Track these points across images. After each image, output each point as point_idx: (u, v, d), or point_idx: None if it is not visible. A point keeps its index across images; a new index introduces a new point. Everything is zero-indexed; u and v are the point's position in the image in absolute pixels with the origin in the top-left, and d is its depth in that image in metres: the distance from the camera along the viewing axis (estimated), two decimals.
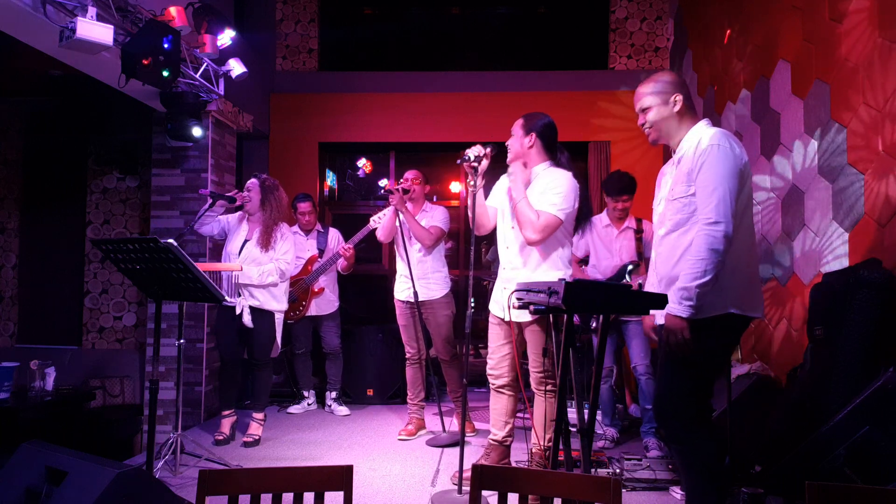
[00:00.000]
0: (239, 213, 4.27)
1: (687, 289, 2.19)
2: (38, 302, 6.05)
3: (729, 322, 2.26)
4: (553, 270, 2.99)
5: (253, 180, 4.21)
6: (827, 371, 2.88)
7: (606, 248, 4.09)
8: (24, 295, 6.07)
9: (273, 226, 4.12)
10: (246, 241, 4.13)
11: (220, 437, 4.13)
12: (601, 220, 4.14)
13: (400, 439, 4.20)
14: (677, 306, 2.21)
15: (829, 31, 3.49)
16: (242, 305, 4.05)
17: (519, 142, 3.09)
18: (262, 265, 4.04)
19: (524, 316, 2.94)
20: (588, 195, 3.20)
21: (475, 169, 3.04)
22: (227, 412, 4.23)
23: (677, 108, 2.38)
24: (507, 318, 3.00)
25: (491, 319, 3.19)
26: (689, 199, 2.28)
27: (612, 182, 4.10)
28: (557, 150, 3.12)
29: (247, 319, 4.05)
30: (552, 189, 2.94)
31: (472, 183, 3.06)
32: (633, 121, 2.59)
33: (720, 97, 5.04)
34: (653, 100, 2.40)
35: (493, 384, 3.21)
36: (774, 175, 4.12)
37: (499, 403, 3.21)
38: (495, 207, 3.23)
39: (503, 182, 3.25)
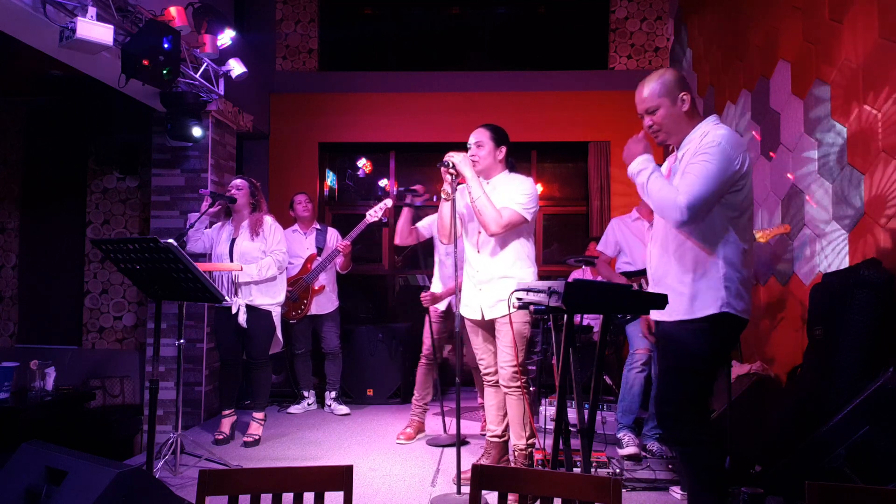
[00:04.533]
0: (217, 224, 4.28)
1: (638, 174, 2.35)
2: (38, 302, 6.05)
3: (725, 321, 2.26)
4: (525, 268, 3.11)
5: (242, 180, 4.22)
6: (827, 371, 2.88)
7: (640, 240, 4.08)
8: (24, 295, 6.06)
9: (260, 217, 4.15)
10: (234, 240, 4.13)
11: (220, 437, 4.13)
12: (630, 216, 4.14)
13: (398, 443, 4.18)
14: (636, 165, 2.37)
15: (829, 31, 3.49)
16: (239, 304, 4.06)
17: (491, 154, 3.15)
18: (258, 260, 4.06)
19: (498, 311, 3.05)
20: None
21: (453, 177, 3.04)
22: (227, 412, 4.23)
23: (685, 106, 2.33)
24: (485, 318, 3.12)
25: (467, 324, 3.24)
26: None
27: None
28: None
29: (242, 319, 4.05)
30: (519, 191, 3.07)
31: (447, 190, 3.06)
32: (633, 121, 2.57)
33: (720, 97, 5.04)
34: (661, 101, 2.33)
35: (488, 381, 3.24)
36: (774, 175, 4.12)
37: (495, 398, 3.25)
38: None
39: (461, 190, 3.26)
